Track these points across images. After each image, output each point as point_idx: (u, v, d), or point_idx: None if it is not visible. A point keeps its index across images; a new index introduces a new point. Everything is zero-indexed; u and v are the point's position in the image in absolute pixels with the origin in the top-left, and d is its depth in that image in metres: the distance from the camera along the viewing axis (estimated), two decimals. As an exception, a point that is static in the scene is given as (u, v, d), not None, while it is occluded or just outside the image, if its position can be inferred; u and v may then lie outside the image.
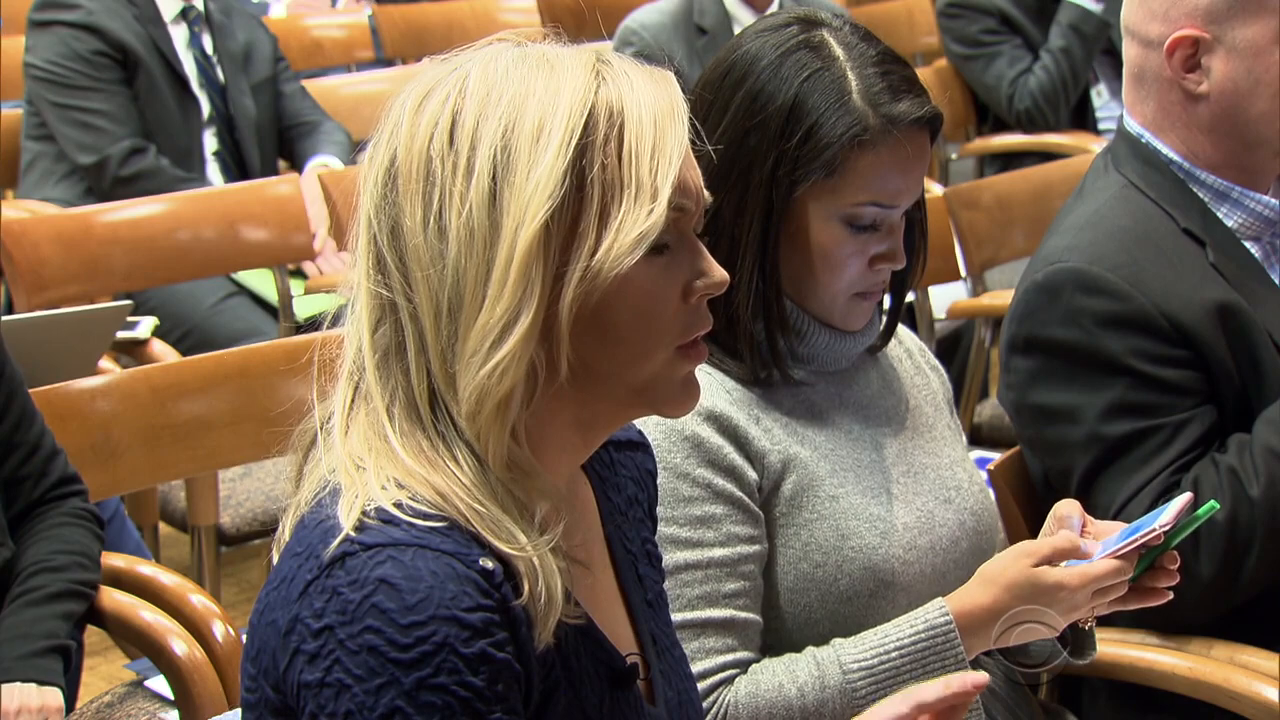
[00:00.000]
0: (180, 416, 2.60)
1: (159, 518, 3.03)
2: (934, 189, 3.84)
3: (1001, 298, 3.31)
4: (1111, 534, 1.70)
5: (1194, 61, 2.05)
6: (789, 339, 1.80)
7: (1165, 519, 1.65)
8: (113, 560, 2.31)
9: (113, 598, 2.23)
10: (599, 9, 4.80)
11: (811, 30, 1.78)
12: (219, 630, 2.23)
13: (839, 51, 1.76)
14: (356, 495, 1.21)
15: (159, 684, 2.29)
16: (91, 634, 2.32)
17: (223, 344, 3.30)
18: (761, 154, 1.74)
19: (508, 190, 1.20)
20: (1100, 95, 4.86)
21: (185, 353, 3.24)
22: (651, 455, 1.53)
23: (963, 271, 3.55)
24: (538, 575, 1.20)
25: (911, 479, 1.84)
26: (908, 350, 1.98)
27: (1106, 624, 1.99)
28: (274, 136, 4.36)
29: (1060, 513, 1.74)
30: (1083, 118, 4.78)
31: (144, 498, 2.96)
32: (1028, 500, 2.13)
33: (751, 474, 1.75)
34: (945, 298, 3.60)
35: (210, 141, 4.21)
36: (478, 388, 1.20)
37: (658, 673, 1.40)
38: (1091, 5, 4.64)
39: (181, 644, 2.17)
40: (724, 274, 1.29)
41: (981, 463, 2.05)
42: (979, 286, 3.54)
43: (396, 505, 1.20)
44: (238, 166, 4.24)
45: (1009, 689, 1.92)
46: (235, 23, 4.31)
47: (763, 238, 1.75)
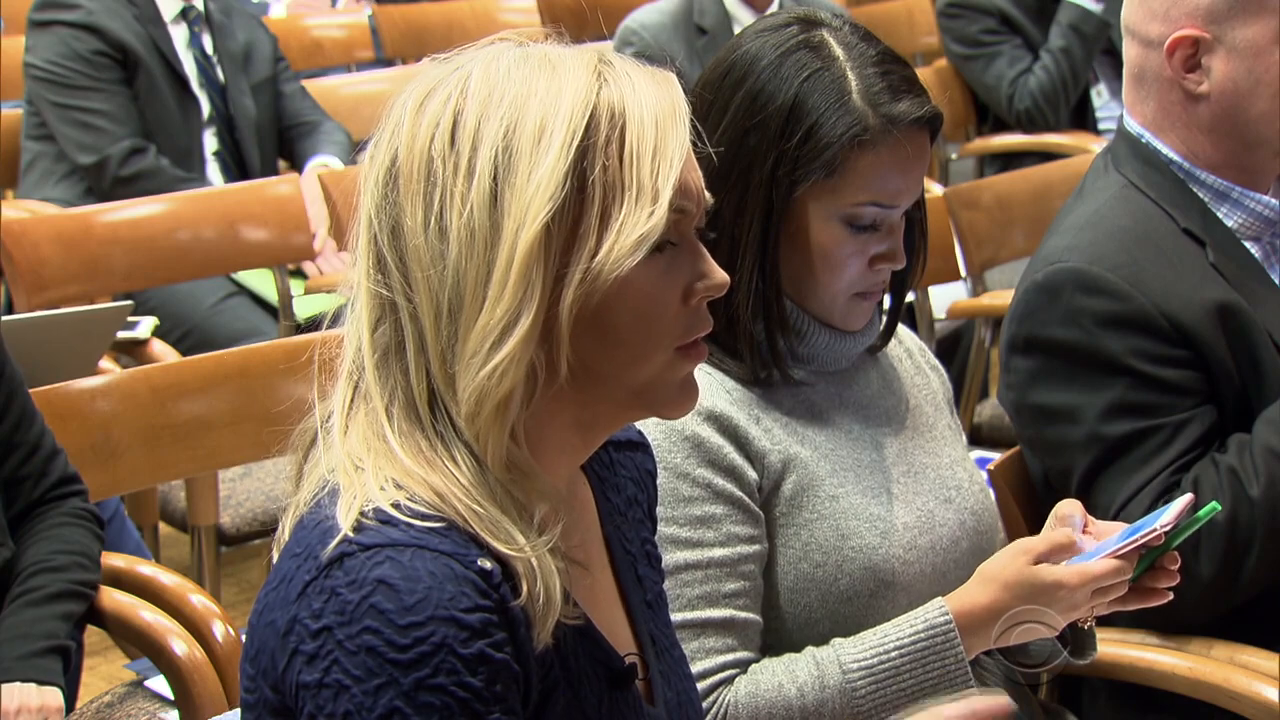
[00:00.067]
0: (180, 416, 2.60)
1: (159, 518, 3.03)
2: (934, 189, 3.83)
3: (1001, 298, 3.31)
4: (1112, 534, 1.70)
5: (1194, 61, 2.05)
6: (789, 339, 1.79)
7: (1166, 519, 1.65)
8: (113, 560, 2.31)
9: (113, 598, 2.23)
10: (599, 9, 4.79)
11: (811, 30, 1.78)
12: (219, 630, 2.23)
13: (839, 51, 1.76)
14: (355, 496, 1.21)
15: (159, 684, 2.28)
16: (91, 634, 2.32)
17: (223, 344, 3.30)
18: (761, 154, 1.74)
19: (509, 191, 1.20)
20: (1100, 95, 4.85)
21: (185, 353, 3.24)
22: (651, 455, 1.53)
23: (963, 271, 3.55)
24: (536, 576, 1.20)
25: (912, 479, 1.84)
26: (908, 350, 1.98)
27: (1106, 624, 1.99)
28: (274, 136, 4.35)
29: (1062, 513, 1.74)
30: (1083, 118, 4.78)
31: (144, 498, 2.96)
32: (1028, 500, 2.13)
33: (751, 474, 1.75)
34: (945, 298, 3.60)
35: (210, 141, 4.21)
36: (477, 388, 1.20)
37: (657, 673, 1.39)
38: (1091, 5, 4.64)
39: (181, 644, 2.17)
40: (724, 276, 1.28)
41: (981, 463, 2.05)
42: (979, 286, 3.54)
43: (395, 506, 1.20)
44: (238, 166, 4.24)
45: (1009, 689, 1.92)
46: (235, 23, 4.30)
47: (763, 238, 1.75)
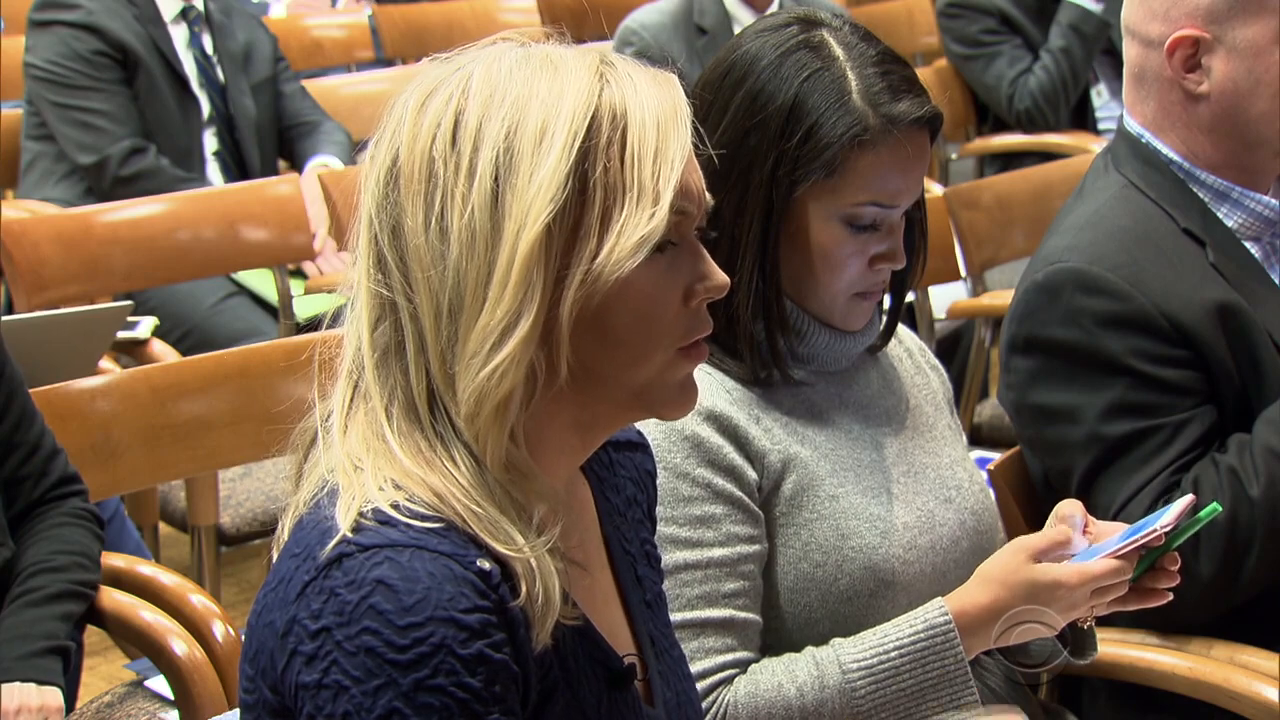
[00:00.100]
0: (180, 416, 2.60)
1: (159, 518, 3.03)
2: (934, 189, 3.83)
3: (1001, 298, 3.31)
4: (1112, 534, 1.70)
5: (1194, 61, 2.05)
6: (789, 339, 1.79)
7: (1166, 520, 1.65)
8: (113, 560, 2.31)
9: (113, 598, 2.23)
10: (599, 9, 4.79)
11: (811, 30, 1.78)
12: (219, 630, 2.23)
13: (839, 51, 1.76)
14: (354, 496, 1.21)
15: (159, 684, 2.28)
16: (91, 634, 2.32)
17: (223, 344, 3.30)
18: (761, 154, 1.74)
19: (510, 192, 1.20)
20: (1100, 95, 4.85)
21: (185, 353, 3.24)
22: (651, 456, 1.53)
23: (963, 271, 3.55)
24: (535, 576, 1.20)
25: (912, 478, 1.84)
26: (908, 350, 1.98)
27: (1106, 624, 1.99)
28: (274, 136, 4.35)
29: (1062, 513, 1.74)
30: (1083, 118, 4.78)
31: (144, 498, 2.96)
32: (1028, 500, 2.13)
33: (751, 474, 1.75)
34: (945, 298, 3.60)
35: (210, 141, 4.21)
36: (477, 389, 1.20)
37: (656, 673, 1.39)
38: (1091, 5, 4.64)
39: (181, 644, 2.17)
40: (725, 278, 1.28)
41: (981, 463, 2.05)
42: (979, 286, 3.54)
43: (394, 506, 1.20)
44: (238, 166, 4.24)
45: (1009, 689, 1.92)
46: (235, 23, 4.30)
47: (763, 238, 1.75)
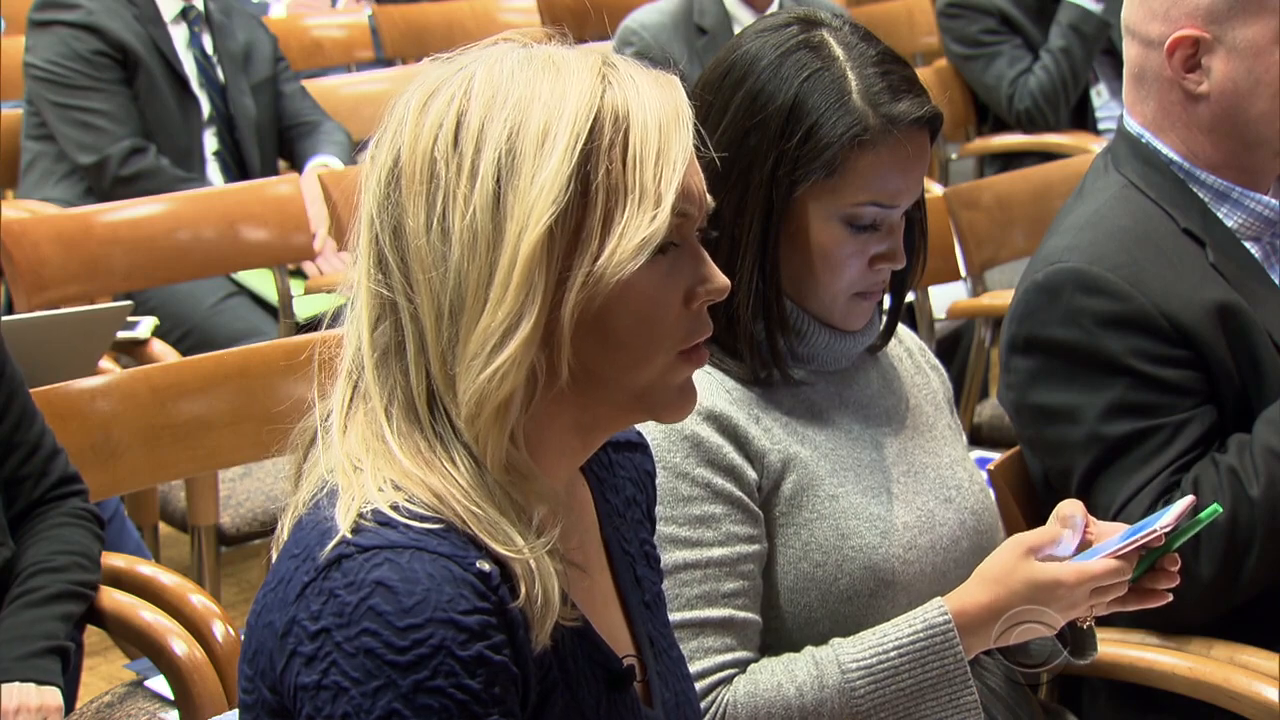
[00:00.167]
0: (180, 416, 2.60)
1: (159, 518, 3.03)
2: (934, 189, 3.83)
3: (1001, 298, 3.31)
4: (1113, 535, 1.70)
5: (1194, 61, 2.05)
6: (789, 339, 1.79)
7: (1167, 521, 1.65)
8: (113, 560, 2.31)
9: (113, 598, 2.23)
10: (600, 9, 4.79)
11: (811, 30, 1.78)
12: (219, 630, 2.23)
13: (839, 51, 1.76)
14: (353, 497, 1.21)
15: (159, 684, 2.28)
16: (91, 634, 2.32)
17: (223, 344, 3.30)
18: (761, 154, 1.74)
19: (512, 194, 1.20)
20: (1100, 95, 4.85)
21: (185, 353, 3.24)
22: (650, 456, 1.53)
23: (963, 271, 3.55)
24: (534, 577, 1.20)
25: (912, 478, 1.84)
26: (908, 350, 1.98)
27: (1106, 624, 1.99)
28: (274, 136, 4.35)
29: (1063, 513, 1.73)
30: (1083, 118, 4.78)
31: (144, 498, 2.96)
32: (1028, 500, 2.13)
33: (751, 473, 1.75)
34: (945, 298, 3.60)
35: (210, 141, 4.21)
36: (477, 391, 1.20)
37: (655, 674, 1.39)
38: (1091, 5, 4.63)
39: (181, 644, 2.17)
40: (726, 280, 1.28)
41: (981, 463, 2.05)
42: (979, 286, 3.54)
43: (393, 507, 1.20)
44: (238, 166, 4.24)
45: (1009, 689, 1.92)
46: (235, 23, 4.30)
47: (763, 238, 1.75)
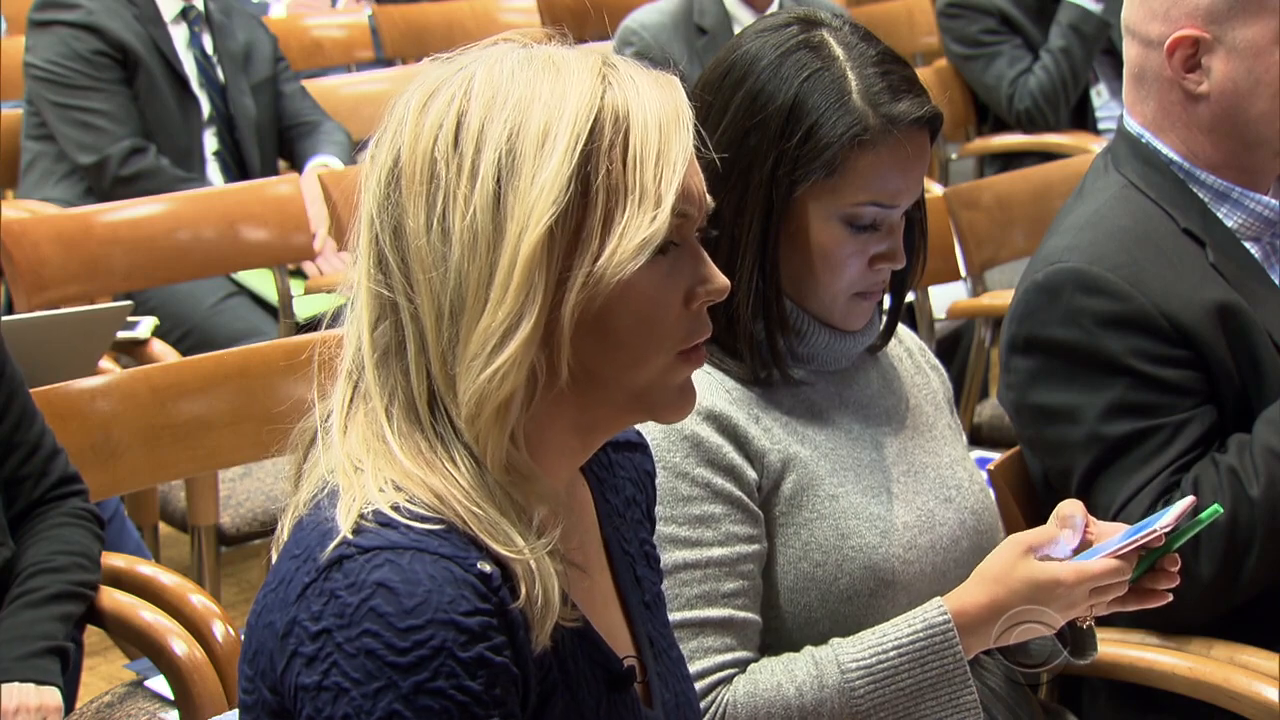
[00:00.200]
0: (180, 416, 2.60)
1: (159, 518, 3.03)
2: (934, 189, 3.83)
3: (1001, 298, 3.31)
4: (1113, 535, 1.70)
5: (1194, 61, 2.05)
6: (789, 339, 1.79)
7: (1167, 521, 1.65)
8: (113, 560, 2.31)
9: (113, 598, 2.23)
10: (600, 9, 4.79)
11: (811, 30, 1.78)
12: (219, 630, 2.23)
13: (839, 51, 1.76)
14: (354, 497, 1.21)
15: (159, 684, 2.28)
16: (91, 634, 2.32)
17: (223, 344, 3.30)
18: (761, 154, 1.74)
19: (512, 194, 1.20)
20: (1100, 95, 4.85)
21: (185, 353, 3.24)
22: (650, 456, 1.53)
23: (963, 271, 3.55)
24: (535, 578, 1.20)
25: (912, 478, 1.84)
26: (908, 349, 1.98)
27: (1106, 624, 1.99)
28: (274, 136, 4.35)
29: (1064, 513, 1.73)
30: (1083, 118, 4.78)
31: (144, 498, 2.96)
32: (1028, 500, 2.13)
33: (751, 473, 1.75)
34: (945, 298, 3.60)
35: (210, 141, 4.21)
36: (478, 391, 1.20)
37: (655, 675, 1.39)
38: (1091, 5, 4.63)
39: (181, 644, 2.17)
40: (725, 280, 1.28)
41: (981, 463, 2.05)
42: (979, 286, 3.54)
43: (394, 508, 1.20)
44: (238, 166, 4.24)
45: (1009, 689, 1.92)
46: (235, 23, 4.30)
47: (763, 238, 1.75)
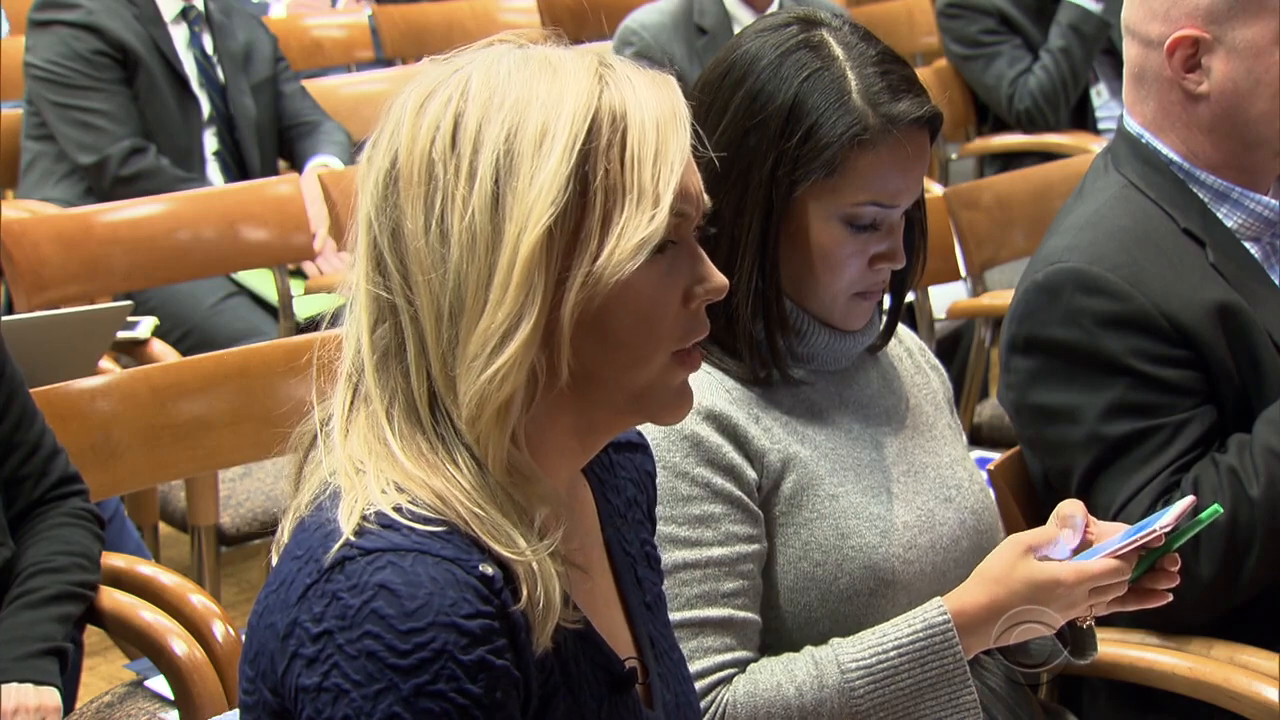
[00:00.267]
0: (180, 416, 2.60)
1: (159, 518, 3.03)
2: (934, 189, 3.83)
3: (1001, 298, 3.31)
4: (1113, 535, 1.70)
5: (1194, 61, 2.05)
6: (789, 338, 1.79)
7: (1167, 521, 1.65)
8: (113, 560, 2.31)
9: (113, 598, 2.23)
10: (599, 9, 4.79)
11: (811, 30, 1.78)
12: (219, 630, 2.23)
13: (839, 51, 1.76)
14: (356, 499, 1.21)
15: (159, 684, 2.28)
16: (91, 634, 2.32)
17: (223, 344, 3.30)
18: (761, 154, 1.74)
19: (510, 195, 1.20)
20: (1100, 95, 4.85)
21: (185, 353, 3.24)
22: (650, 456, 1.53)
23: (963, 271, 3.55)
24: (536, 580, 1.20)
25: (912, 478, 1.84)
26: (908, 349, 1.98)
27: (1106, 624, 1.99)
28: (274, 136, 4.35)
29: (1064, 513, 1.74)
30: (1083, 118, 4.78)
31: (144, 498, 2.96)
32: (1028, 500, 2.13)
33: (751, 473, 1.75)
34: (945, 298, 3.60)
35: (210, 141, 4.21)
36: (478, 392, 1.19)
37: (656, 676, 1.39)
38: (1091, 5, 4.63)
39: (181, 644, 2.17)
40: (724, 279, 1.28)
41: (981, 463, 2.05)
42: (979, 286, 3.54)
43: (396, 509, 1.19)
44: (238, 166, 4.24)
45: (1009, 689, 1.92)
46: (235, 23, 4.30)
47: (762, 237, 1.75)
